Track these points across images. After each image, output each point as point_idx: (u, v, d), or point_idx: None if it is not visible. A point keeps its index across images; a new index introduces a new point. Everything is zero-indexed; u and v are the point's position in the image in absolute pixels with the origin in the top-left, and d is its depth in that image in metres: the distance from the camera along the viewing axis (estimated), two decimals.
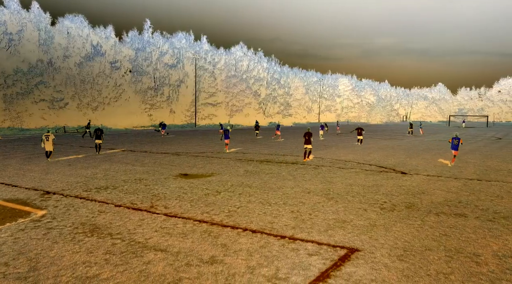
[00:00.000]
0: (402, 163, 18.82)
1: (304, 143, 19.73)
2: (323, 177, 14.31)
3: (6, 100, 42.12)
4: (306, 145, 19.59)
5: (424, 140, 38.52)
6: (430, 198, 10.98)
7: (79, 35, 56.61)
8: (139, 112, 56.09)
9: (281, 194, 11.24)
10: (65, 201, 10.03)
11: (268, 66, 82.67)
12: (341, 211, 9.27)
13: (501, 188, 12.62)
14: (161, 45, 60.98)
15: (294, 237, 7.18)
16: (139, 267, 5.70)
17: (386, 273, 5.58)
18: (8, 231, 7.42)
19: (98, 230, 7.55)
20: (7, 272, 5.51)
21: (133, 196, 10.77)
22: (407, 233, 7.59)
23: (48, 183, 12.71)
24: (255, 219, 8.42)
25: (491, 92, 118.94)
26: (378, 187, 12.50)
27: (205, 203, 9.94)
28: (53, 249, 6.46)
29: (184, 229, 7.63)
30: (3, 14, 47.50)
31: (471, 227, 8.07)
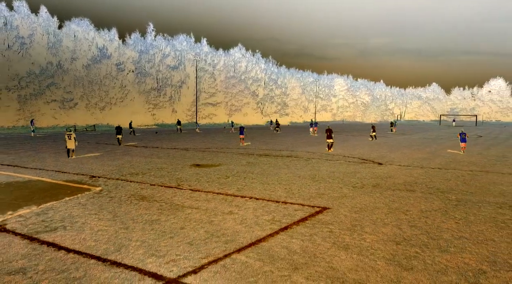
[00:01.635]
0: (382, 156, 21.90)
1: (326, 138, 23.98)
2: (312, 167, 17.34)
3: (20, 100, 44.97)
4: (328, 140, 23.80)
5: (412, 137, 41.64)
6: (393, 180, 14.03)
7: (85, 38, 59.51)
8: (143, 111, 59.02)
9: (277, 177, 14.26)
10: (111, 182, 13.02)
11: (266, 67, 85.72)
12: (322, 188, 12.31)
13: (454, 174, 15.70)
14: (163, 47, 63.90)
15: (285, 201, 10.22)
16: (183, 216, 8.71)
17: (343, 218, 8.62)
18: (83, 199, 10.41)
19: (146, 198, 10.56)
20: (100, 218, 8.50)
21: (161, 179, 13.77)
22: (366, 200, 10.63)
23: (88, 170, 15.68)
24: (258, 192, 11.45)
25: (481, 92, 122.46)
26: (355, 173, 15.54)
27: (219, 183, 12.96)
28: (121, 207, 9.47)
29: (207, 198, 10.65)
30: (15, 19, 50.31)
31: (414, 197, 11.12)
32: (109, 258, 6.15)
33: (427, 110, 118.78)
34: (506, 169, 17.33)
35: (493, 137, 43.86)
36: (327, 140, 24.16)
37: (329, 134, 23.92)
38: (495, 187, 12.75)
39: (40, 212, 8.93)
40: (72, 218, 8.48)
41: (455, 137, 41.82)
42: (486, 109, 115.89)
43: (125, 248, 6.62)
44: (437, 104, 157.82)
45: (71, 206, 9.59)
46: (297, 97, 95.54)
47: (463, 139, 23.88)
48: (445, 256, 6.36)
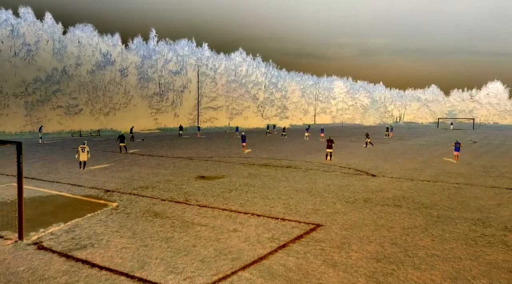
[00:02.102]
0: (376, 167, 23.12)
1: (327, 147, 25.42)
2: (309, 179, 18.57)
3: (27, 107, 46.21)
4: (328, 149, 25.25)
5: (407, 143, 42.85)
6: (383, 194, 15.26)
7: (89, 43, 60.70)
8: (145, 116, 60.29)
9: (276, 191, 15.49)
10: (125, 197, 14.25)
11: (266, 70, 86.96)
12: (317, 203, 13.54)
13: (440, 187, 16.93)
14: (165, 53, 65.14)
15: (283, 218, 11.45)
16: (194, 233, 9.94)
17: (334, 236, 9.85)
18: (103, 215, 11.64)
19: (159, 215, 11.79)
20: (122, 235, 9.72)
21: (170, 193, 14.99)
22: (356, 216, 11.85)
23: (101, 183, 16.91)
24: (259, 208, 12.67)
25: (479, 94, 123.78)
26: (349, 187, 16.77)
27: (223, 198, 14.18)
28: (138, 224, 10.70)
29: (213, 214, 11.88)
30: (21, 27, 51.51)
31: (400, 213, 12.35)
32: (135, 275, 7.38)
33: (426, 112, 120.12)
34: (490, 181, 18.56)
35: (487, 143, 45.07)
36: (327, 149, 25.42)
37: (330, 145, 25.14)
38: (475, 202, 13.98)
39: (68, 230, 10.17)
40: (97, 235, 9.71)
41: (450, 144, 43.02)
42: (484, 112, 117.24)
43: (147, 265, 7.85)
44: (436, 105, 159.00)
45: (94, 223, 10.82)
46: (297, 100, 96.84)
47: (457, 148, 25.92)
48: (416, 273, 7.59)
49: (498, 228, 10.82)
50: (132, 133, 42.33)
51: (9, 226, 10.46)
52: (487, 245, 9.35)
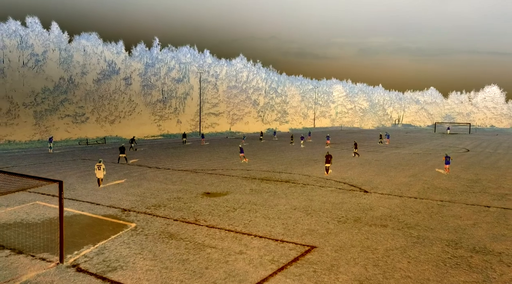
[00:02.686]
0: (369, 181, 24.81)
1: (325, 162, 27.02)
2: (307, 196, 20.27)
3: (37, 116, 47.93)
4: (326, 164, 26.86)
5: (402, 152, 44.54)
6: (372, 213, 16.95)
7: (94, 52, 62.43)
8: (149, 122, 62.02)
9: (276, 210, 17.19)
10: (141, 217, 15.95)
11: (266, 76, 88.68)
12: (313, 223, 15.24)
13: (425, 205, 18.62)
14: (168, 61, 66.83)
15: (283, 240, 13.15)
16: (206, 255, 11.64)
17: (325, 258, 11.56)
18: (125, 237, 13.34)
19: (173, 236, 13.48)
20: (144, 258, 11.42)
21: (181, 212, 16.69)
22: (346, 238, 13.55)
23: (117, 201, 18.60)
24: (261, 229, 14.38)
25: (476, 98, 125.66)
26: (342, 205, 18.47)
27: (228, 218, 15.88)
28: (157, 246, 12.40)
29: (221, 235, 13.58)
30: (30, 38, 53.21)
31: (384, 234, 14.05)
32: None
33: (424, 116, 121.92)
34: (472, 198, 20.24)
35: (479, 151, 46.74)
36: (326, 164, 27.05)
37: (328, 160, 26.77)
38: (453, 222, 15.67)
39: (98, 252, 11.87)
40: (123, 258, 11.41)
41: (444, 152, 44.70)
42: (481, 115, 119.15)
43: None
44: (435, 108, 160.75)
45: (119, 245, 12.52)
46: (296, 105, 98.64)
47: (447, 161, 28.13)
48: None
49: (468, 249, 12.52)
50: (132, 143, 42.46)
51: (47, 247, 12.16)
52: (454, 266, 11.05)
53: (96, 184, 22.39)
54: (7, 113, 44.90)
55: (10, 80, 48.69)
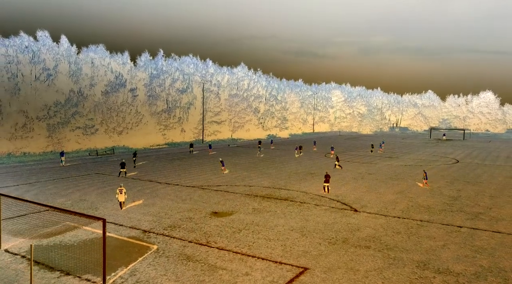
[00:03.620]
0: (359, 199, 27.51)
1: (324, 182, 29.36)
2: (303, 216, 22.98)
3: (49, 129, 50.66)
4: (325, 183, 29.19)
5: (394, 164, 47.24)
6: (359, 234, 19.66)
7: (102, 64, 65.12)
8: (154, 132, 64.78)
9: (276, 232, 19.90)
10: (160, 238, 18.66)
11: (267, 84, 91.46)
12: (307, 245, 17.95)
13: (405, 225, 21.33)
14: (172, 72, 69.55)
15: (281, 262, 15.87)
16: (218, 276, 14.36)
17: (315, 279, 14.29)
18: (150, 259, 16.06)
19: (190, 258, 16.20)
20: (169, 279, 14.12)
21: (194, 234, 19.40)
22: (334, 259, 16.26)
23: (137, 222, 21.30)
24: (263, 251, 17.09)
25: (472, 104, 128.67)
26: (333, 225, 21.17)
27: (235, 239, 18.59)
28: (177, 268, 15.12)
29: (230, 257, 16.29)
30: (42, 53, 55.89)
31: (367, 255, 16.77)
32: None
33: (420, 120, 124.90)
34: (448, 217, 22.94)
35: (467, 163, 49.44)
36: (324, 183, 29.37)
37: (327, 179, 29.23)
38: (427, 243, 18.38)
39: (130, 273, 14.59)
40: (152, 279, 14.13)
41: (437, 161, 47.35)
42: (476, 120, 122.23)
43: None
44: (432, 111, 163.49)
45: (146, 266, 15.23)
46: (296, 111, 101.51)
47: (426, 177, 31.68)
48: None
49: (433, 270, 15.23)
50: (135, 157, 43.88)
51: (88, 269, 14.87)
52: None
53: (117, 205, 25.02)
54: (23, 127, 47.63)
55: (23, 94, 51.39)
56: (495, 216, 23.44)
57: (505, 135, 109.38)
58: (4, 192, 28.51)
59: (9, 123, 46.93)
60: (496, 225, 21.48)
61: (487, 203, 26.85)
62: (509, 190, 31.62)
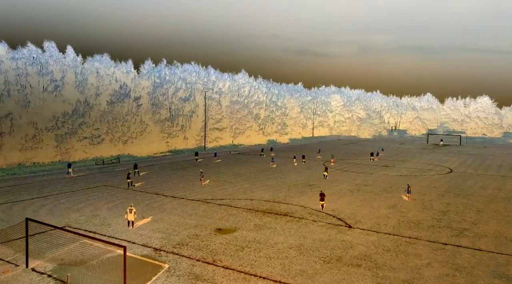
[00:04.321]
0: (354, 214, 29.35)
1: (320, 200, 30.53)
2: (301, 233, 24.83)
3: (58, 139, 52.56)
4: (321, 201, 30.41)
5: (390, 174, 49.08)
6: (352, 252, 21.53)
7: (106, 73, 67.00)
8: (158, 140, 66.69)
9: (276, 250, 21.77)
10: (170, 257, 20.53)
11: (267, 90, 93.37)
12: (304, 263, 19.82)
13: (395, 242, 23.19)
14: (175, 81, 71.44)
15: (280, 281, 17.75)
16: None
17: None
18: (163, 278, 17.94)
19: (199, 277, 18.06)
20: None
21: (201, 252, 21.27)
22: (328, 278, 18.13)
23: (148, 239, 23.17)
24: (264, 270, 18.97)
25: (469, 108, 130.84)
26: (329, 242, 23.04)
27: (238, 258, 20.46)
28: None
29: (234, 277, 18.16)
30: (50, 64, 57.76)
31: (357, 274, 18.64)
32: None
33: (418, 125, 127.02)
34: (436, 234, 24.77)
35: (461, 172, 51.27)
36: (320, 202, 30.59)
37: (322, 198, 30.62)
38: (413, 261, 20.24)
39: None
40: None
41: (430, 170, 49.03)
42: (473, 125, 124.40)
43: None
44: (431, 114, 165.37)
45: None
46: (296, 116, 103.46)
47: (409, 191, 34.11)
48: None
49: None
50: (136, 169, 45.37)
51: None
52: None
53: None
54: (33, 138, 49.51)
55: (33, 105, 53.26)
56: (478, 233, 25.31)
57: (501, 140, 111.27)
58: (22, 206, 30.47)
59: (19, 135, 48.82)
60: (478, 243, 23.34)
61: (473, 218, 28.71)
62: (495, 204, 33.49)
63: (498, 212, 30.81)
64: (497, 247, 22.61)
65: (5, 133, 47.34)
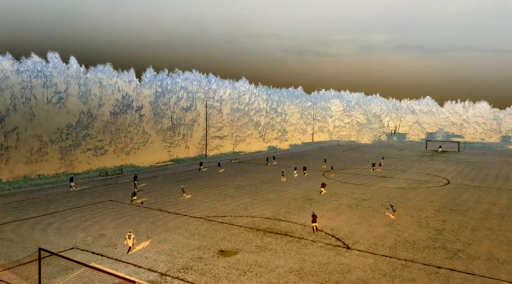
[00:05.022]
0: (352, 233, 30.26)
1: (312, 222, 30.60)
2: (300, 255, 25.76)
3: (62, 151, 53.53)
4: (313, 223, 30.42)
5: (388, 186, 49.98)
6: (349, 276, 22.46)
7: (109, 83, 67.96)
8: (160, 149, 67.67)
9: (276, 274, 22.70)
10: (176, 283, 21.47)
11: (267, 97, 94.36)
12: None
13: (391, 265, 24.13)
14: (177, 91, 72.41)
15: None
16: None
17: None
18: None
19: None
20: None
21: (205, 277, 22.20)
22: None
23: (153, 263, 24.10)
24: None
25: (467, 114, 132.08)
26: (327, 265, 23.96)
27: (241, 283, 21.41)
28: None
29: None
30: (54, 76, 58.69)
31: None
32: None
33: (418, 130, 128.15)
34: (430, 256, 25.63)
35: (458, 183, 52.17)
36: (312, 223, 30.70)
37: (314, 219, 30.93)
38: None
39: None
40: None
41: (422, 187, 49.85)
42: (472, 130, 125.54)
43: None
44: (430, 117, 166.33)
45: None
46: (296, 122, 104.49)
47: (393, 210, 35.11)
48: None
49: None
50: (136, 180, 46.57)
51: None
52: None
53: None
54: (38, 151, 50.47)
55: (37, 117, 54.21)
56: (472, 254, 26.23)
57: (499, 145, 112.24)
58: (30, 224, 31.36)
59: (25, 148, 49.78)
60: (471, 266, 24.26)
61: (467, 238, 29.62)
62: (489, 221, 34.41)
63: (492, 230, 31.72)
64: (489, 270, 23.54)
65: (11, 147, 48.29)
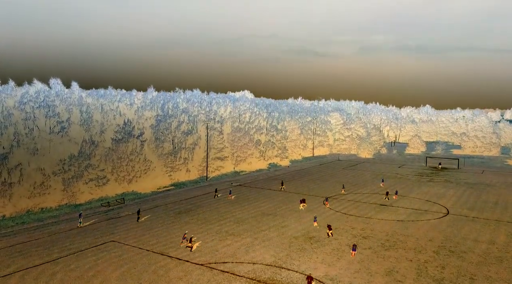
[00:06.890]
0: None
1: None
2: None
3: (64, 183, 54.05)
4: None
5: (387, 219, 50.31)
6: None
7: (111, 108, 68.53)
8: (161, 174, 68.16)
9: None
10: None
11: (267, 115, 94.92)
12: None
13: None
14: (178, 115, 72.95)
15: None
16: None
17: None
18: None
19: None
20: None
21: None
22: None
23: None
24: None
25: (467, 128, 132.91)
26: None
27: None
28: None
29: None
30: (57, 106, 59.27)
31: None
32: None
33: (418, 143, 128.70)
34: None
35: (457, 214, 52.58)
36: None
37: (309, 281, 29.58)
38: None
39: None
40: None
41: (421, 219, 49.83)
42: (471, 144, 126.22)
43: None
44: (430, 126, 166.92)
45: None
46: (296, 138, 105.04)
47: (354, 248, 36.28)
48: None
49: None
50: (139, 214, 47.18)
51: None
52: None
53: None
54: (41, 185, 51.01)
55: (40, 147, 54.76)
56: None
57: (499, 160, 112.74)
58: (33, 275, 31.76)
59: (28, 182, 50.33)
60: None
61: None
62: (487, 267, 34.83)
63: (490, 280, 32.17)
64: None
65: (15, 182, 48.84)
